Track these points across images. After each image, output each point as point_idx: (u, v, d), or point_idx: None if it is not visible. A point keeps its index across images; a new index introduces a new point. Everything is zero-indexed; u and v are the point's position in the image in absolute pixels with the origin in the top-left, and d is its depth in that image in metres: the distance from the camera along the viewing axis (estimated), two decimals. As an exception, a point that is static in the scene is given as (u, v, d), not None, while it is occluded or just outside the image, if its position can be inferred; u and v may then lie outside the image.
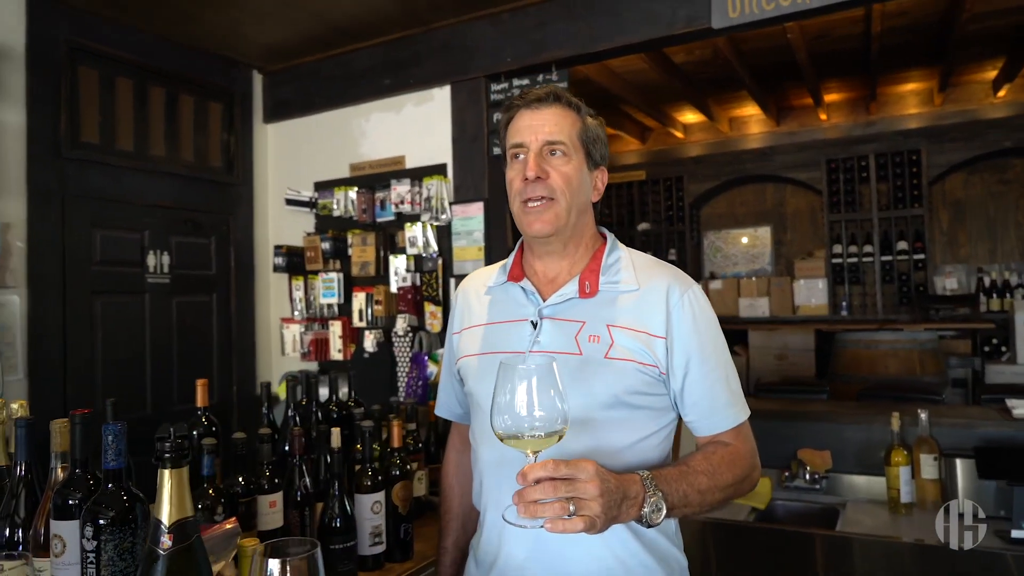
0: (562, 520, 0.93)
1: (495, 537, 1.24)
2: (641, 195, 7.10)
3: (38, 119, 3.17)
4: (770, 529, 2.45)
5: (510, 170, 1.27)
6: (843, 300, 6.13)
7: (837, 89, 5.88)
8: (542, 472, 0.95)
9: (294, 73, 4.16)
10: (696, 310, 1.23)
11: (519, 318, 1.27)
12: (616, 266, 1.27)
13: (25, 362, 3.09)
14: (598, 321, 1.21)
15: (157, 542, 0.79)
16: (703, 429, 1.24)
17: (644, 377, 1.19)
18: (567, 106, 1.26)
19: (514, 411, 0.95)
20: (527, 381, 0.96)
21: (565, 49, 3.33)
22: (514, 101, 1.29)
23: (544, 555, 1.17)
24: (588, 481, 0.96)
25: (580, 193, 1.25)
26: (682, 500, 1.09)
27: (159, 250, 3.66)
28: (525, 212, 1.23)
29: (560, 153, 1.23)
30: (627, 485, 1.03)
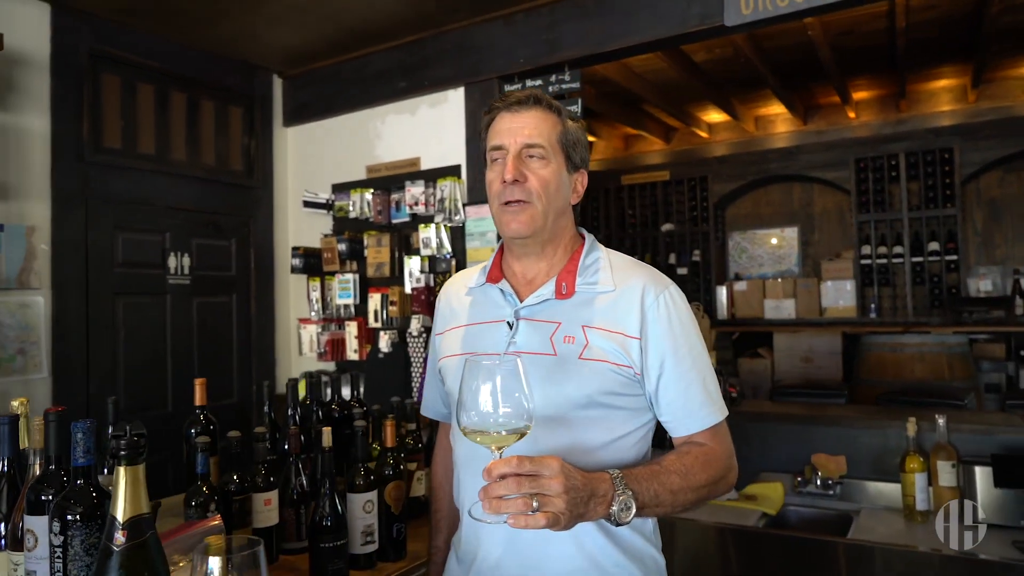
0: (524, 516, 0.94)
1: (473, 536, 1.25)
2: (665, 195, 7.03)
3: (62, 124, 3.26)
4: (780, 535, 2.39)
5: (490, 172, 1.28)
6: (872, 302, 5.99)
7: (866, 87, 5.76)
8: (506, 468, 0.96)
9: (312, 77, 4.21)
10: (671, 311, 1.22)
11: (496, 319, 1.28)
12: (593, 267, 1.28)
13: (49, 361, 3.18)
14: (574, 322, 1.22)
15: (111, 538, 0.80)
16: (678, 430, 1.23)
17: (618, 378, 1.19)
18: (547, 109, 1.27)
19: (479, 407, 0.97)
20: (492, 378, 0.97)
21: (578, 49, 3.31)
22: (494, 104, 1.30)
23: (518, 554, 1.18)
24: (552, 478, 0.97)
25: (558, 196, 1.26)
26: (653, 499, 1.09)
27: (180, 252, 3.73)
28: (503, 213, 1.25)
29: (539, 156, 1.23)
30: (595, 483, 1.03)
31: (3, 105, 3.04)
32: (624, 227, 7.21)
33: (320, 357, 3.95)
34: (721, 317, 6.59)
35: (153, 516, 0.84)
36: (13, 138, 3.09)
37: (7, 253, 3.05)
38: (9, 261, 3.06)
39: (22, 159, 3.12)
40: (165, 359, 3.65)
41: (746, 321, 6.44)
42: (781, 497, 2.69)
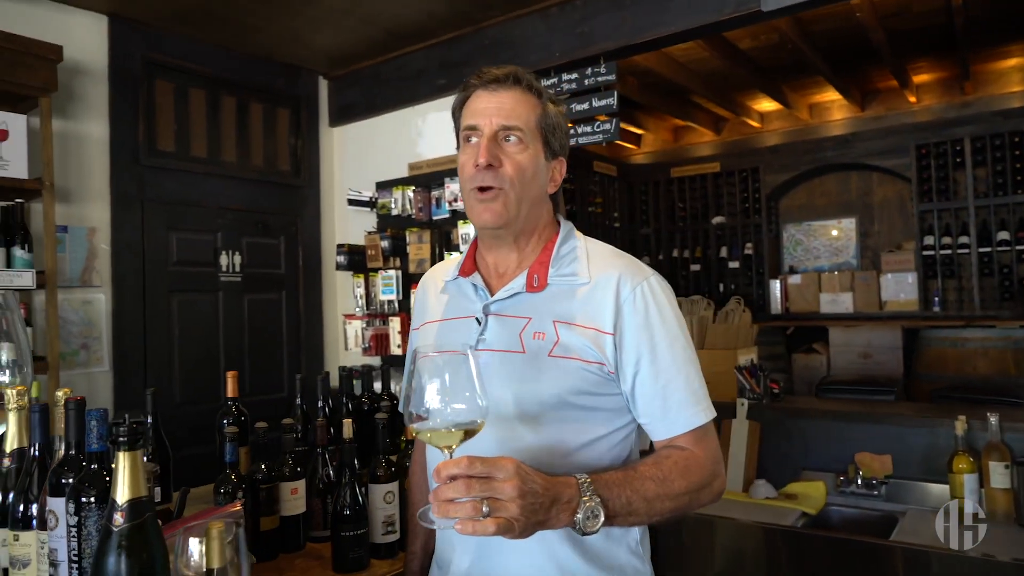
0: (472, 521, 0.87)
1: (447, 541, 1.21)
2: (716, 187, 6.88)
3: (119, 130, 3.43)
4: (819, 536, 2.33)
5: (463, 153, 1.18)
6: (935, 295, 5.72)
7: (927, 69, 5.50)
8: (456, 469, 0.89)
9: (356, 77, 4.30)
10: (650, 304, 1.13)
11: (467, 314, 1.22)
12: (568, 257, 1.19)
13: (110, 355, 3.35)
14: (545, 317, 1.14)
15: (111, 519, 0.85)
16: (657, 433, 1.14)
17: (591, 376, 1.11)
18: (527, 90, 1.17)
19: (424, 403, 0.92)
20: (439, 373, 0.92)
21: (612, 41, 3.28)
22: (471, 81, 1.20)
23: (486, 563, 1.13)
24: (506, 480, 0.89)
25: (533, 184, 1.18)
26: (625, 507, 1.01)
27: (231, 250, 3.88)
28: (475, 201, 1.16)
29: (515, 139, 1.15)
30: (559, 489, 0.95)
31: (65, 114, 3.21)
32: (674, 220, 7.09)
33: (365, 352, 4.04)
34: (774, 311, 6.42)
35: (151, 499, 0.88)
36: (74, 144, 3.27)
37: (71, 253, 3.23)
38: (73, 261, 3.24)
39: (83, 164, 3.30)
40: (218, 354, 3.80)
41: (801, 315, 6.25)
42: (823, 496, 2.62)
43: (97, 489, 0.99)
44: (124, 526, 0.84)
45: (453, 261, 1.34)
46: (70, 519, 0.98)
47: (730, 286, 6.65)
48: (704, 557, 2.52)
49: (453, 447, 0.94)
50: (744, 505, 2.59)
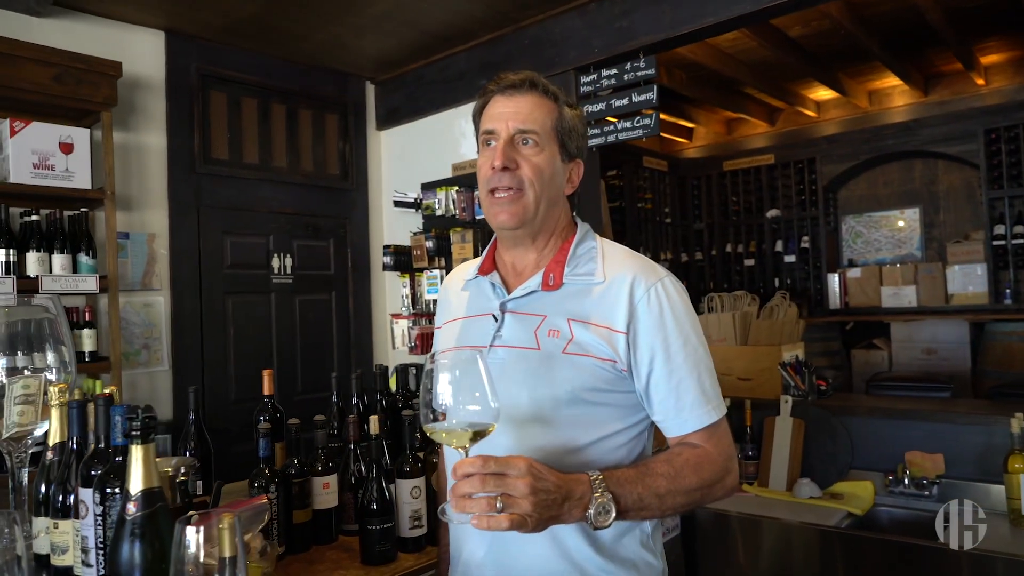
0: (487, 516, 0.92)
1: (461, 534, 1.24)
2: (770, 180, 6.69)
3: (176, 140, 3.59)
4: (864, 537, 2.25)
5: (481, 156, 1.23)
6: (1007, 287, 5.42)
7: (995, 49, 5.22)
8: (471, 467, 0.94)
9: (401, 81, 4.38)
10: (664, 304, 1.15)
11: (484, 312, 1.25)
12: (585, 257, 1.22)
13: (170, 355, 3.52)
14: (559, 315, 1.17)
15: (124, 508, 0.90)
16: (671, 429, 1.16)
17: (603, 373, 1.14)
18: (543, 94, 1.21)
19: (438, 405, 0.96)
20: (451, 374, 0.96)
21: (652, 35, 3.25)
22: (488, 87, 1.25)
23: (500, 554, 1.16)
24: (519, 478, 0.94)
25: (551, 185, 1.21)
26: (636, 503, 1.04)
27: (283, 253, 4.01)
28: (492, 203, 1.19)
29: (532, 143, 1.18)
30: (571, 485, 0.99)
31: (125, 126, 3.39)
32: (727, 215, 6.95)
33: (411, 351, 4.12)
34: (833, 306, 6.21)
35: (163, 490, 0.94)
36: (135, 155, 3.44)
37: (132, 258, 3.41)
38: (134, 265, 3.42)
39: (143, 174, 3.47)
40: (271, 353, 3.94)
41: (861, 310, 6.03)
42: (871, 496, 2.53)
43: (121, 480, 1.05)
44: (137, 515, 0.89)
45: (474, 262, 1.37)
46: (96, 508, 1.04)
47: (786, 281, 6.48)
48: (747, 557, 2.48)
49: (467, 446, 0.98)
50: (788, 504, 2.53)
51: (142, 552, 0.89)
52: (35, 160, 2.90)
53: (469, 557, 1.21)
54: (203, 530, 0.80)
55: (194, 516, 0.82)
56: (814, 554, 2.29)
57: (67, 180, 2.98)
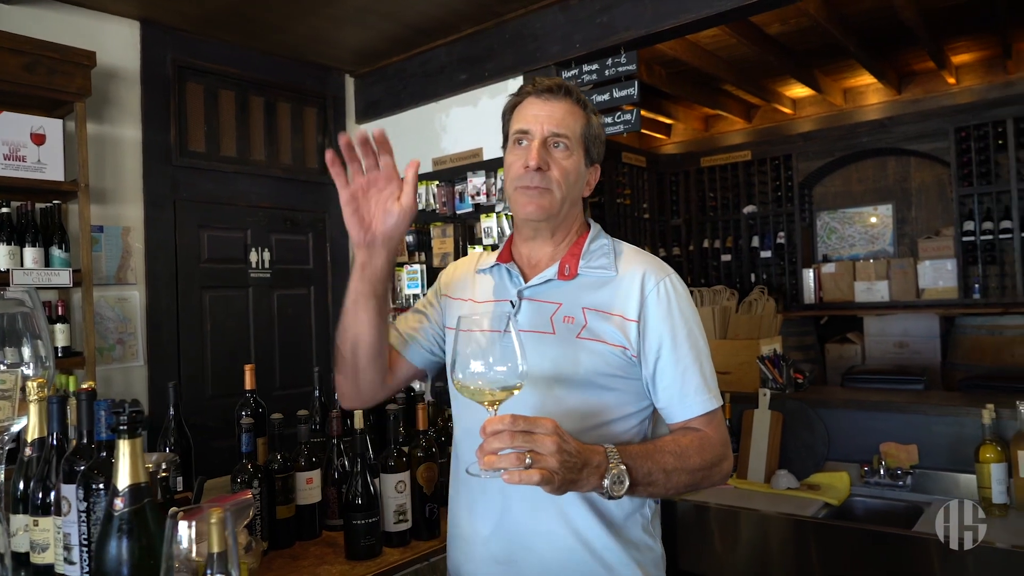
0: (519, 471, 0.95)
1: (464, 511, 1.30)
2: (747, 176, 6.76)
3: (152, 132, 3.53)
4: (838, 527, 2.30)
5: (511, 154, 1.29)
6: (975, 282, 5.54)
7: (966, 49, 5.33)
8: (500, 425, 0.97)
9: (381, 74, 4.35)
10: (671, 297, 1.24)
11: (502, 298, 1.32)
12: (597, 252, 1.30)
13: (145, 350, 3.47)
14: (574, 303, 1.25)
15: (112, 504, 0.89)
16: (674, 415, 1.23)
17: (615, 359, 1.21)
18: (576, 103, 1.29)
19: (471, 365, 1.00)
20: (485, 335, 1.00)
21: (633, 30, 3.26)
22: (525, 88, 1.31)
23: (508, 530, 1.21)
24: (546, 436, 0.98)
25: (575, 188, 1.29)
26: (646, 478, 1.10)
27: (261, 247, 3.97)
28: (520, 194, 1.26)
29: (563, 147, 1.25)
30: (589, 454, 1.04)
31: (99, 117, 3.33)
32: (704, 211, 7.00)
33: (392, 345, 4.09)
34: (808, 301, 6.30)
35: (150, 485, 0.92)
36: (109, 147, 3.38)
37: (106, 252, 3.35)
38: (108, 259, 3.36)
39: (117, 166, 3.41)
40: (248, 348, 3.89)
41: (835, 305, 6.12)
42: (847, 487, 2.58)
43: (105, 476, 1.04)
44: (124, 510, 0.88)
45: (487, 253, 1.45)
46: (80, 505, 1.03)
47: (762, 276, 6.55)
48: (726, 547, 2.51)
49: (495, 405, 1.02)
50: (766, 496, 2.57)
51: (130, 548, 0.88)
52: (5, 151, 2.83)
53: (473, 533, 1.26)
54: (195, 525, 0.79)
55: (180, 512, 0.81)
56: (792, 544, 2.33)
57: (39, 172, 2.92)
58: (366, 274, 1.20)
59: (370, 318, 1.23)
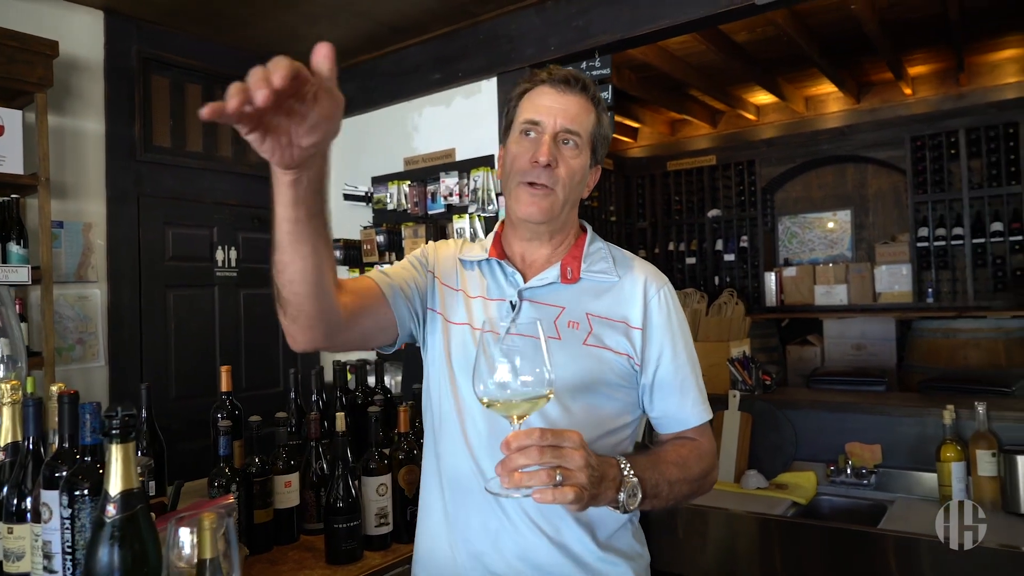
0: (552, 489, 0.88)
1: (459, 526, 1.20)
2: (712, 180, 6.89)
3: (115, 125, 3.43)
4: (807, 525, 2.35)
5: (516, 144, 1.21)
6: (929, 286, 5.75)
7: (922, 61, 5.50)
8: (527, 440, 0.89)
9: (353, 72, 4.30)
10: (670, 305, 1.23)
11: (498, 297, 1.25)
12: (597, 256, 1.26)
13: (106, 350, 3.37)
14: (577, 308, 1.20)
15: (104, 510, 0.87)
16: (670, 425, 1.22)
17: (619, 367, 1.18)
18: (591, 100, 1.22)
19: (493, 374, 0.93)
20: (510, 345, 0.94)
21: (608, 34, 3.29)
22: (538, 74, 1.23)
23: (502, 546, 1.15)
24: (575, 450, 0.91)
25: (577, 189, 1.23)
26: (654, 489, 1.07)
27: (227, 245, 3.89)
28: (523, 192, 1.19)
29: (573, 144, 1.19)
30: (605, 467, 1.00)
31: (60, 109, 3.22)
32: (670, 214, 7.11)
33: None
34: (769, 304, 6.44)
35: (144, 491, 0.90)
36: (70, 140, 3.27)
37: (67, 248, 3.24)
38: (68, 256, 3.25)
39: (79, 160, 3.30)
40: (214, 349, 3.81)
41: (795, 308, 6.28)
42: (814, 486, 2.64)
43: (90, 482, 1.01)
44: (116, 517, 0.86)
45: (477, 243, 1.35)
46: (63, 511, 1.00)
47: (725, 279, 6.68)
48: (697, 547, 2.55)
49: (524, 417, 0.95)
50: (736, 495, 2.62)
51: (122, 555, 0.85)
52: (-38, 143, 2.72)
53: (461, 550, 1.18)
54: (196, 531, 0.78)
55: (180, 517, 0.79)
56: (762, 543, 2.38)
57: (-3, 165, 2.81)
58: (300, 190, 0.91)
59: (315, 243, 0.97)
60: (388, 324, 1.22)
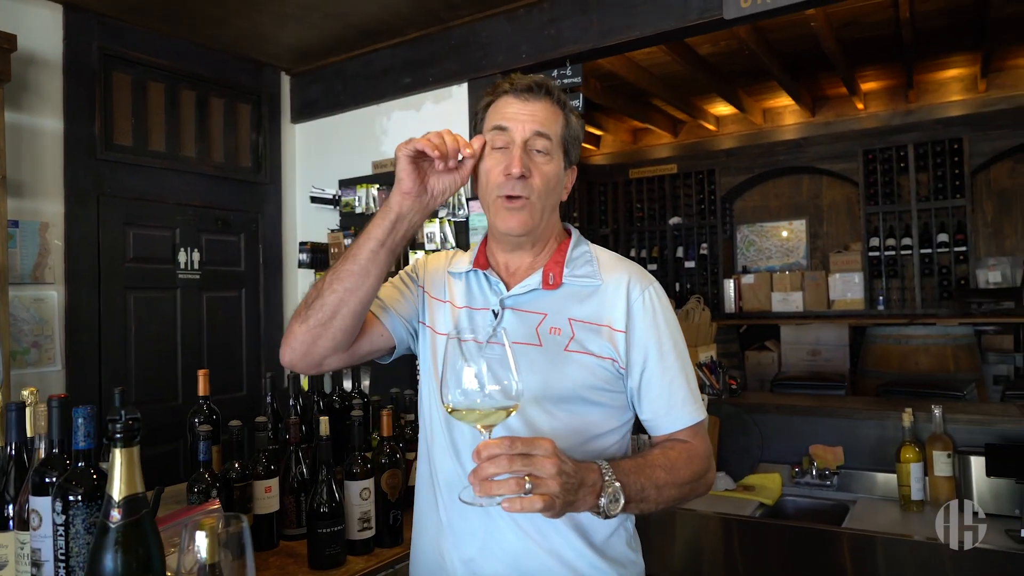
0: (520, 498, 0.89)
1: (446, 531, 1.21)
2: (673, 189, 7.03)
3: (75, 123, 3.33)
4: (776, 525, 2.42)
5: (488, 159, 1.20)
6: (880, 294, 5.97)
7: (874, 77, 5.73)
8: (497, 449, 0.90)
9: (320, 74, 4.26)
10: (656, 306, 1.21)
11: (481, 306, 1.25)
12: (580, 260, 1.25)
13: (63, 354, 3.26)
14: (560, 314, 1.19)
15: (108, 516, 0.85)
16: (661, 427, 1.21)
17: (602, 372, 1.17)
18: (556, 103, 1.22)
19: (463, 385, 0.94)
20: (478, 353, 0.95)
21: (579, 43, 3.34)
22: (501, 85, 1.22)
23: (492, 552, 1.15)
24: (545, 458, 0.92)
25: (555, 194, 1.23)
26: (639, 494, 1.06)
27: (190, 247, 3.81)
28: (502, 207, 1.19)
29: (543, 151, 1.19)
30: (584, 472, 0.99)
31: (17, 105, 3.11)
32: (632, 221, 7.22)
33: (328, 350, 4.01)
34: (728, 310, 6.60)
35: (147, 496, 0.89)
36: (27, 137, 3.16)
37: (22, 249, 3.13)
38: (24, 257, 3.14)
39: (36, 157, 3.20)
40: (175, 353, 3.72)
41: (753, 314, 6.44)
42: (779, 487, 2.72)
43: (85, 487, 0.99)
44: (121, 522, 0.84)
45: (463, 254, 1.37)
46: (56, 518, 0.97)
47: (686, 286, 6.81)
48: (667, 548, 2.60)
49: (492, 427, 0.96)
50: (705, 497, 2.67)
51: (126, 561, 0.84)
52: (-87, 137, 2.61)
53: (450, 556, 1.18)
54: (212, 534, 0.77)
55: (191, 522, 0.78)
56: (731, 543, 2.44)
57: (-50, 161, 2.70)
58: (398, 227, 1.13)
59: (378, 275, 1.15)
60: (385, 345, 1.29)
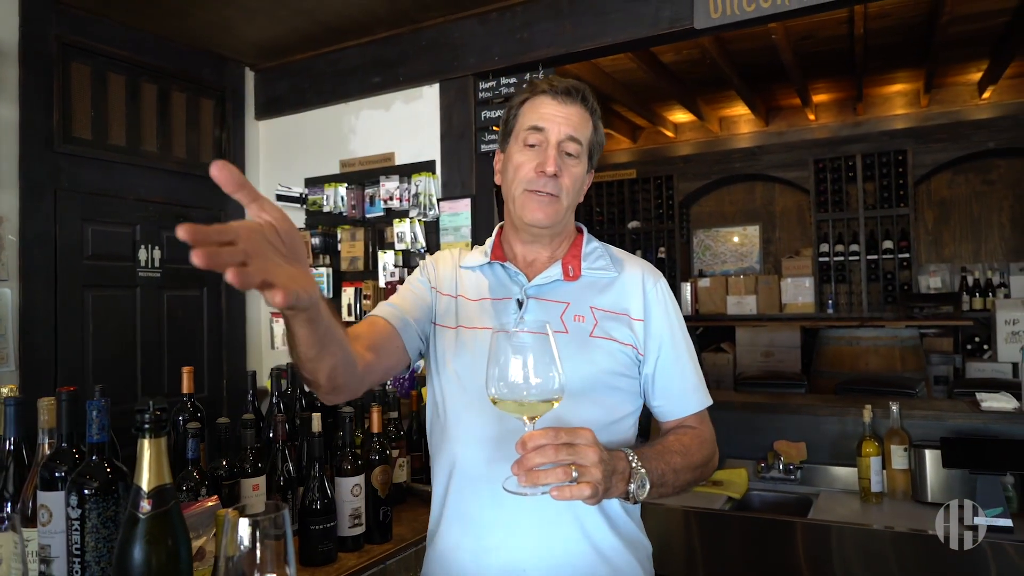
0: (568, 486, 0.92)
1: (469, 520, 1.22)
2: (632, 193, 7.17)
3: (31, 114, 3.21)
4: (744, 517, 2.51)
5: (520, 154, 1.26)
6: (829, 298, 6.21)
7: (825, 90, 5.96)
8: (543, 439, 0.93)
9: (286, 70, 4.21)
10: (667, 298, 1.30)
11: (504, 296, 1.29)
12: (594, 254, 1.33)
13: (16, 353, 3.13)
14: (581, 302, 1.26)
15: (137, 506, 0.84)
16: (672, 413, 1.27)
17: (623, 358, 1.23)
18: (588, 109, 1.28)
19: (509, 378, 0.95)
20: (523, 348, 0.96)
21: (551, 48, 3.38)
22: (539, 84, 1.28)
23: (519, 539, 1.16)
24: (588, 447, 0.96)
25: (578, 194, 1.31)
26: (660, 479, 1.10)
27: (150, 245, 3.70)
28: (529, 198, 1.25)
29: (574, 154, 1.26)
30: (615, 460, 1.03)
31: (-30, 93, 2.98)
32: (592, 224, 7.32)
33: (293, 350, 3.95)
34: (685, 313, 6.75)
35: (175, 487, 0.88)
36: (-20, 127, 3.04)
37: (-26, 244, 3.00)
38: (-25, 252, 3.01)
39: (-11, 148, 3.07)
40: (135, 352, 3.62)
41: (709, 316, 6.61)
42: (745, 482, 2.81)
43: (100, 481, 0.97)
44: (151, 513, 0.84)
45: (477, 248, 1.41)
46: (71, 512, 0.95)
47: (645, 288, 6.94)
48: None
49: (536, 418, 0.97)
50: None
51: (157, 551, 0.83)
52: None
53: (474, 544, 1.19)
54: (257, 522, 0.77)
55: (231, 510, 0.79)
56: (705, 536, 2.51)
57: (-99, 150, 2.58)
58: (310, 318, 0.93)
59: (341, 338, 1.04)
60: (402, 358, 1.28)
